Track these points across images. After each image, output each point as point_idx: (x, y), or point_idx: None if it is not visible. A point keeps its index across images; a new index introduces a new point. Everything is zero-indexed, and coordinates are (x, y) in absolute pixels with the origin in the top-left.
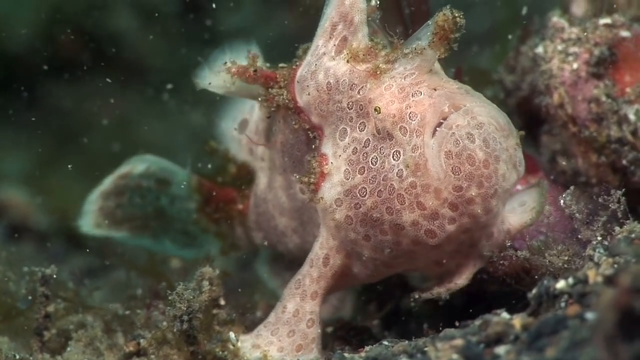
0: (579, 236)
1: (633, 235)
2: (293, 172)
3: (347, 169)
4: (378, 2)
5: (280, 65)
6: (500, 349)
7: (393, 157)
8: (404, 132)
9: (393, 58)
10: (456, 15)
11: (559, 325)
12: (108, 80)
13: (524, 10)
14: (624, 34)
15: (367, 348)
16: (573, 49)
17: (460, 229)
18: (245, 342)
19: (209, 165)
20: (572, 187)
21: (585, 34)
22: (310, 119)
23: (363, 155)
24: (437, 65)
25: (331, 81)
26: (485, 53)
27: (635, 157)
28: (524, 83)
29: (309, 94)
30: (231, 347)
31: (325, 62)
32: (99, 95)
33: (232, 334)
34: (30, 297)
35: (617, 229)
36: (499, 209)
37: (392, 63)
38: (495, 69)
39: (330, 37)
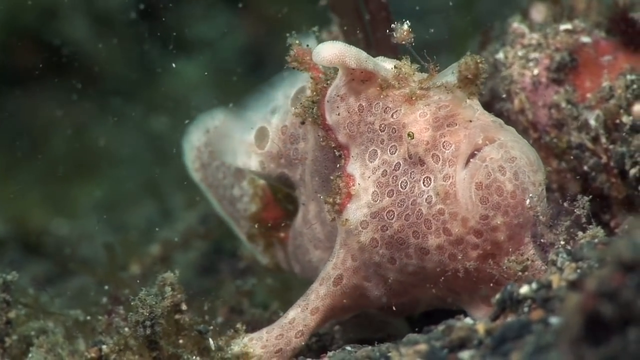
0: (542, 240)
1: (596, 240)
2: (322, 191)
3: (375, 190)
4: (410, 27)
5: (321, 76)
6: (465, 354)
7: (423, 183)
8: (436, 159)
9: (427, 85)
10: (478, 60)
11: (524, 330)
12: (64, 88)
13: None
14: (585, 39)
15: (329, 354)
16: (533, 55)
17: (482, 255)
18: (248, 338)
19: None
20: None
21: (546, 39)
22: (337, 137)
23: (393, 178)
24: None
25: (363, 104)
26: (444, 59)
27: (596, 163)
28: (485, 89)
29: (338, 114)
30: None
31: (355, 86)
32: (56, 104)
33: (211, 340)
34: None
35: (580, 233)
36: (523, 238)
37: (427, 90)
38: None
39: (353, 70)
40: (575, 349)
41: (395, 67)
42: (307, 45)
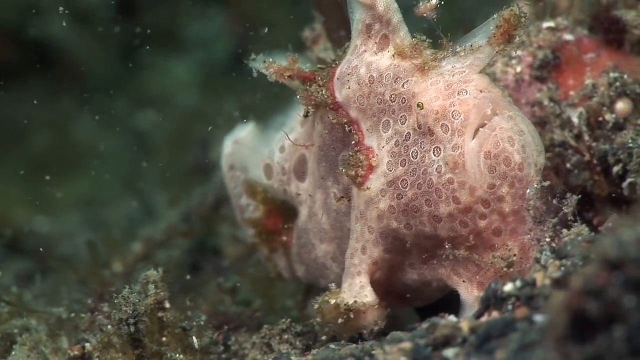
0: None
1: (580, 238)
2: (329, 176)
3: (389, 160)
4: (438, 3)
5: (319, 66)
6: (449, 352)
7: (433, 152)
8: (445, 129)
9: (442, 56)
10: (522, 14)
11: (508, 328)
12: (45, 85)
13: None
14: (567, 37)
15: (313, 351)
16: (516, 52)
17: (490, 226)
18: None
19: None
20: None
21: (529, 37)
22: (348, 113)
23: (404, 148)
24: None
25: (374, 75)
26: None
27: (579, 161)
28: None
29: (349, 88)
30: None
31: (367, 57)
32: (37, 101)
33: (194, 338)
34: None
35: (564, 231)
36: (526, 218)
37: (440, 61)
38: None
39: (368, 37)
40: (560, 347)
41: (414, 36)
42: (288, 53)
